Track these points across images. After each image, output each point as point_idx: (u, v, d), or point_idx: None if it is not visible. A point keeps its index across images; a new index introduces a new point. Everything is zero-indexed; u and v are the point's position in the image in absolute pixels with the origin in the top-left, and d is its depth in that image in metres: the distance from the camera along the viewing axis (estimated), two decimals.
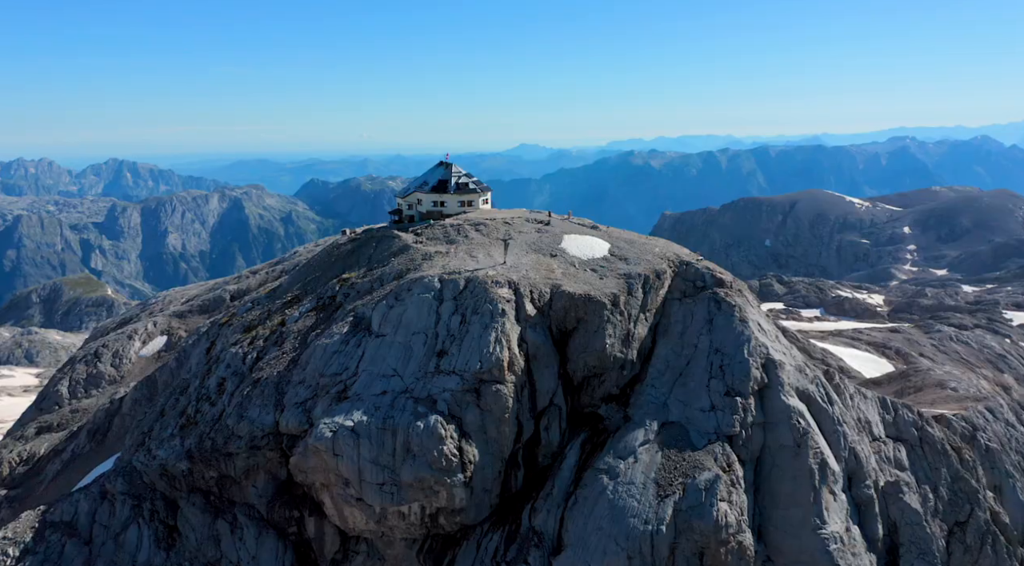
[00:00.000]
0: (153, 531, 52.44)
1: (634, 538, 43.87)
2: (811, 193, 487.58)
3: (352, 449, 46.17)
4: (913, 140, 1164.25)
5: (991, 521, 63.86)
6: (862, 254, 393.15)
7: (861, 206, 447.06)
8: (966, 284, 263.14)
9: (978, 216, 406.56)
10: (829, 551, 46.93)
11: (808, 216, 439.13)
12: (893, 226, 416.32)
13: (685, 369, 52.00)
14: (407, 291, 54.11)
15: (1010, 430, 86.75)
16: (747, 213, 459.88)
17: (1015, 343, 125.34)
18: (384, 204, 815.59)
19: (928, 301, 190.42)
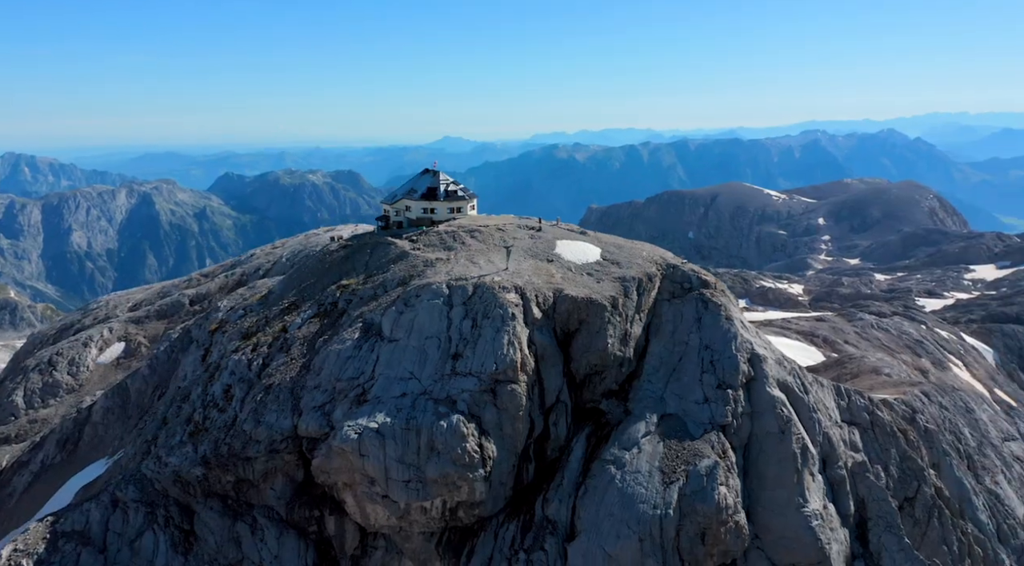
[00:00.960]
0: (169, 537, 53.41)
1: (644, 522, 47.76)
2: (731, 186, 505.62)
3: (378, 449, 48.51)
4: (824, 133, 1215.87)
5: (936, 496, 70.44)
6: (780, 245, 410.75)
7: (778, 198, 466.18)
8: (878, 273, 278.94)
9: (887, 207, 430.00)
10: (812, 527, 51.91)
11: (729, 209, 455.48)
12: (808, 217, 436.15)
13: (678, 365, 56.20)
14: (416, 297, 56.51)
15: (943, 412, 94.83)
16: (671, 206, 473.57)
17: (930, 329, 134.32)
18: (305, 199, 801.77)
19: (846, 290, 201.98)
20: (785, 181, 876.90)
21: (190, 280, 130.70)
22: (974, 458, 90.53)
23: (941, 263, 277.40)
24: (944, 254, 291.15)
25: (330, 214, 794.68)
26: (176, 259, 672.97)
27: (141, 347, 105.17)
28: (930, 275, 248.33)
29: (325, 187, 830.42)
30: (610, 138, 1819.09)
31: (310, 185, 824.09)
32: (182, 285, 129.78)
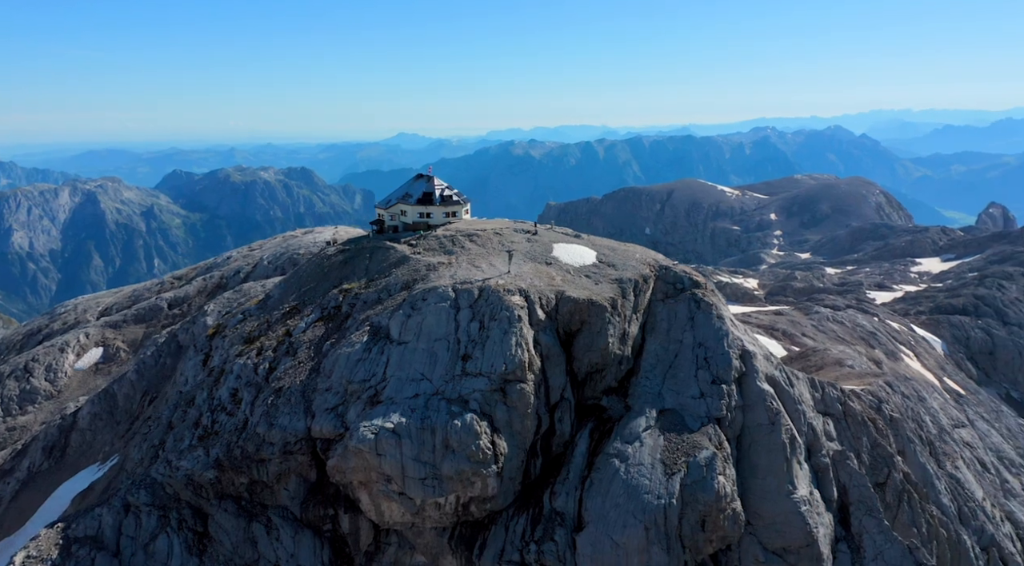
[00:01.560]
0: (183, 539, 54.44)
1: (649, 511, 50.51)
2: (686, 183, 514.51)
3: (395, 448, 50.36)
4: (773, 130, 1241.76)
5: (904, 480, 74.69)
6: (734, 240, 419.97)
7: (732, 194, 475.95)
8: (829, 266, 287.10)
9: (836, 202, 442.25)
10: (800, 512, 55.29)
11: (684, 205, 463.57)
12: (761, 213, 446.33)
13: (674, 362, 59.13)
14: (422, 301, 58.35)
15: (906, 401, 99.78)
16: (627, 202, 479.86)
17: (882, 321, 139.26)
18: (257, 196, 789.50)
19: (800, 284, 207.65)
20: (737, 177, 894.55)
21: (162, 283, 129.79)
22: (935, 445, 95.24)
23: (888, 257, 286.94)
24: (891, 248, 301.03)
25: (283, 212, 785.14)
26: (123, 259, 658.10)
27: (120, 352, 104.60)
28: (878, 268, 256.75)
29: (278, 184, 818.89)
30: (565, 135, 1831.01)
31: (262, 182, 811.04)
32: (154, 288, 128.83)
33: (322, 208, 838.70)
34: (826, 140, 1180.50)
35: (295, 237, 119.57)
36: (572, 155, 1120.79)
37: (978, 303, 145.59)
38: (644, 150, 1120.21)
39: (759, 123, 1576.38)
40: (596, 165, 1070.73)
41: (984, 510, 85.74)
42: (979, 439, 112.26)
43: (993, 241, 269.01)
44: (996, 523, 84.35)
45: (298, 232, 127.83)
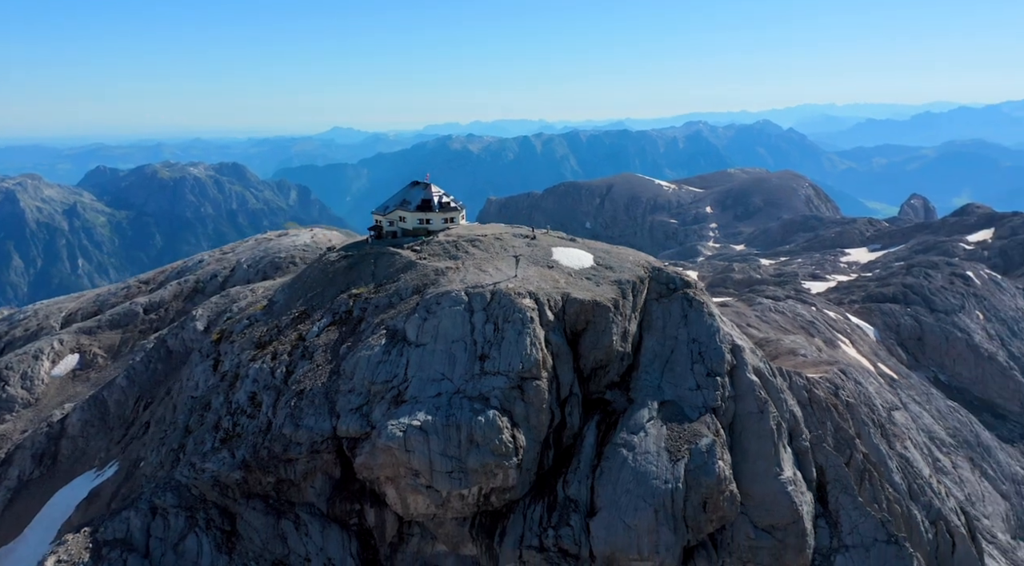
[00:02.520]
0: (212, 538, 56.67)
1: (657, 495, 55.18)
2: (624, 177, 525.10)
3: (423, 444, 53.75)
4: (705, 124, 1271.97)
5: (865, 461, 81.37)
6: (672, 233, 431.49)
7: (668, 189, 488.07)
8: (763, 258, 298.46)
9: (768, 195, 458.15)
10: (787, 492, 60.76)
11: (623, 199, 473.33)
12: (697, 206, 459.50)
13: (670, 357, 63.92)
14: (436, 304, 61.67)
15: (858, 387, 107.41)
16: (568, 197, 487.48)
17: (820, 310, 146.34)
18: (186, 193, 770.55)
19: (739, 276, 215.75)
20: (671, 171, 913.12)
21: (128, 287, 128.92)
22: (885, 427, 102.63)
23: (819, 247, 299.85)
24: (821, 239, 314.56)
25: (215, 209, 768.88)
26: (45, 260, 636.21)
27: (97, 358, 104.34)
28: (810, 259, 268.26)
29: (208, 180, 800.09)
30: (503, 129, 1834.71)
31: (192, 178, 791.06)
32: (120, 293, 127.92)
33: (256, 204, 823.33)
34: (755, 134, 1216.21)
35: (269, 240, 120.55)
36: (510, 149, 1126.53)
37: (907, 291, 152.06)
38: (581, 144, 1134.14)
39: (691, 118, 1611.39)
40: (534, 159, 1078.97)
41: (931, 486, 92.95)
42: (912, 421, 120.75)
43: (916, 231, 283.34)
44: (942, 498, 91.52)
45: (271, 235, 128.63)
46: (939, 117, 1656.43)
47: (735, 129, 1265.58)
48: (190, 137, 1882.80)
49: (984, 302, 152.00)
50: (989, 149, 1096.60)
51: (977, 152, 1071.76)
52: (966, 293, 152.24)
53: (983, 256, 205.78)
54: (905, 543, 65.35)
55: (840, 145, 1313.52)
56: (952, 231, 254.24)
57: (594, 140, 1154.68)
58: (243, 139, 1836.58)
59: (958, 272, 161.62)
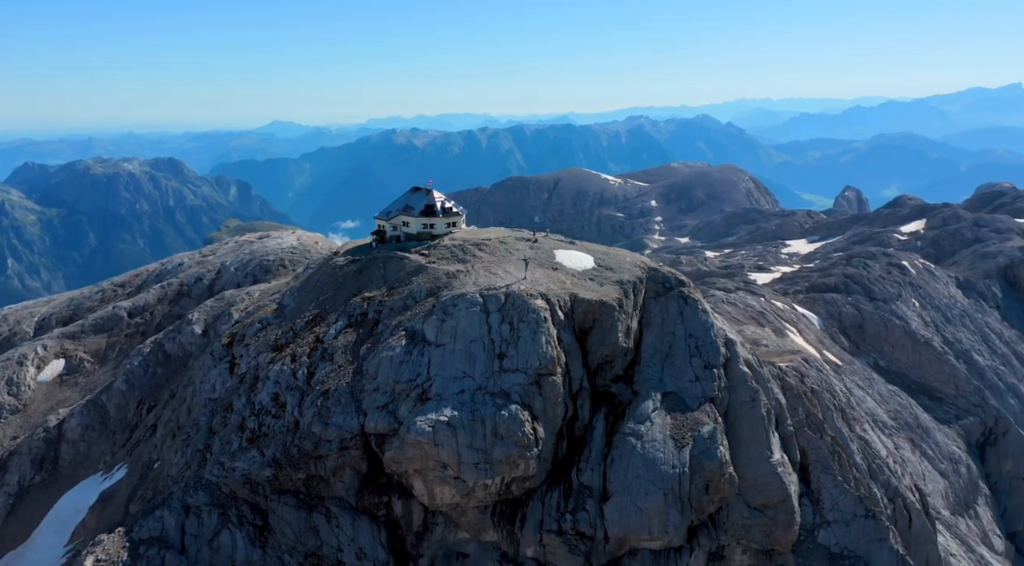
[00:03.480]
0: (245, 533, 59.36)
1: (666, 479, 60.09)
2: (571, 172, 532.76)
3: (451, 438, 57.50)
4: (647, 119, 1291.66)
5: (833, 443, 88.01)
6: (619, 226, 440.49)
7: (615, 183, 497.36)
8: (708, 250, 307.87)
9: (710, 189, 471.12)
10: (777, 474, 66.36)
11: (570, 193, 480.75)
12: (642, 200, 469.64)
13: (669, 351, 68.87)
14: (453, 306, 65.28)
15: (821, 374, 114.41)
16: (516, 191, 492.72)
17: (768, 301, 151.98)
18: (121, 189, 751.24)
19: (687, 268, 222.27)
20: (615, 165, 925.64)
21: (102, 291, 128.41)
22: (846, 411, 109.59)
23: (761, 239, 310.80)
24: (763, 231, 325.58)
25: (151, 206, 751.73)
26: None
27: (84, 363, 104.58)
28: (753, 251, 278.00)
29: (144, 176, 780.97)
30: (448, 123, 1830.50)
31: (126, 175, 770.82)
32: (96, 297, 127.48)
33: (194, 201, 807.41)
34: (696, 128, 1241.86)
35: (251, 243, 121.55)
36: (455, 144, 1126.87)
37: (847, 281, 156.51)
38: (526, 139, 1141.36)
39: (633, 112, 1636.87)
40: (479, 154, 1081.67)
41: (888, 466, 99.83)
42: (856, 405, 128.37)
43: (852, 223, 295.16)
44: (898, 477, 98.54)
45: (251, 237, 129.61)
46: (869, 111, 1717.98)
47: (676, 124, 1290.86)
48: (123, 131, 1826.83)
49: (919, 290, 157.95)
50: (917, 142, 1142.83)
51: (905, 145, 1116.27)
52: (903, 282, 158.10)
53: (916, 246, 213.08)
54: (881, 517, 71.84)
55: (776, 139, 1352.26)
56: (886, 222, 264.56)
57: (539, 134, 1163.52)
58: (179, 133, 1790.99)
59: (895, 262, 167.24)
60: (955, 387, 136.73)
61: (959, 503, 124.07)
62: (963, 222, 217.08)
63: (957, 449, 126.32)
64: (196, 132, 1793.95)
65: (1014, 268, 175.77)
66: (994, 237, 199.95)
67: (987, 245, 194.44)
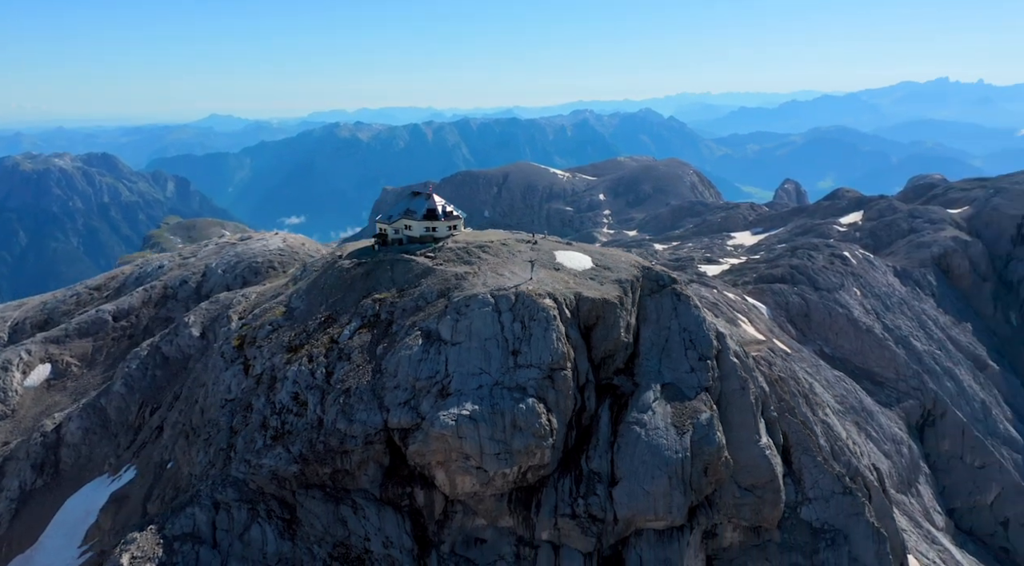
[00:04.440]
0: (274, 526, 62.08)
1: (669, 464, 64.98)
2: (520, 166, 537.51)
3: (473, 431, 61.31)
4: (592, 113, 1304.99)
5: (803, 426, 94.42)
6: (568, 220, 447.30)
7: (563, 177, 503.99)
8: (656, 242, 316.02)
9: (656, 182, 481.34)
10: (765, 456, 71.91)
11: (520, 187, 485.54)
12: (590, 194, 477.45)
13: (666, 345, 73.71)
14: (466, 306, 68.88)
15: (785, 363, 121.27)
16: (465, 186, 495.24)
17: (721, 292, 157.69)
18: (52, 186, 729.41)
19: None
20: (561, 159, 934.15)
21: (77, 295, 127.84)
22: (809, 397, 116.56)
23: (707, 232, 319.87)
24: (709, 224, 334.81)
25: (84, 203, 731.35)
26: None
27: (71, 367, 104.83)
28: (700, 243, 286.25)
29: (76, 172, 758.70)
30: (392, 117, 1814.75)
31: (57, 170, 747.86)
32: (70, 300, 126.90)
33: (130, 197, 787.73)
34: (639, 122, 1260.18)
35: (233, 245, 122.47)
36: (401, 137, 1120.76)
37: (793, 272, 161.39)
38: (472, 132, 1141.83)
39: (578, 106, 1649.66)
40: (425, 147, 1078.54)
41: (848, 447, 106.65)
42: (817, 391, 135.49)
43: (794, 215, 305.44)
44: (858, 457, 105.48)
45: (232, 239, 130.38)
46: (805, 105, 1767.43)
47: (620, 117, 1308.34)
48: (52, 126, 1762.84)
49: (860, 280, 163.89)
50: (850, 135, 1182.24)
51: (839, 138, 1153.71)
52: (844, 272, 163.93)
53: (856, 237, 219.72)
54: (857, 494, 78.22)
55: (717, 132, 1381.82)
56: (826, 214, 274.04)
57: (485, 128, 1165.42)
58: (112, 127, 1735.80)
59: (836, 253, 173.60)
60: (895, 372, 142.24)
61: (902, 482, 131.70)
62: (899, 213, 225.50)
63: (899, 431, 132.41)
64: (131, 126, 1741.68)
65: (947, 257, 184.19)
66: (928, 228, 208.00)
67: (922, 235, 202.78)
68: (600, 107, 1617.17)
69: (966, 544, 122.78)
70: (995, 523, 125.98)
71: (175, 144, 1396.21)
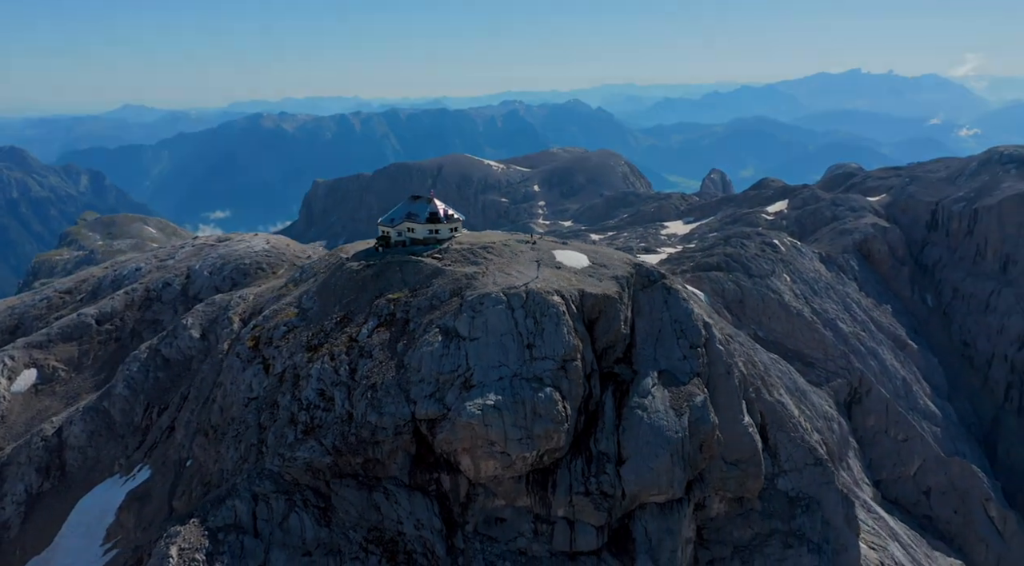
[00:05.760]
0: (311, 514, 66.17)
1: (671, 443, 71.88)
2: (454, 158, 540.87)
3: (497, 419, 66.80)
4: (521, 103, 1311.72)
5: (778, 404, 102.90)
6: (503, 212, 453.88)
7: (498, 168, 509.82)
8: (592, 233, 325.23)
9: (589, 174, 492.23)
10: (749, 433, 79.68)
11: (454, 179, 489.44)
12: (525, 185, 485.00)
13: (659, 335, 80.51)
14: (480, 304, 74.05)
15: (743, 348, 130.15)
16: (399, 178, 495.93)
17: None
18: None
19: None
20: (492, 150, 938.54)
21: (48, 299, 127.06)
22: (765, 378, 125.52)
23: (641, 221, 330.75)
24: (642, 214, 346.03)
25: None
26: None
27: (59, 372, 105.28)
28: (635, 233, 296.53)
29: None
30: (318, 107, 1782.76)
31: None
32: (40, 304, 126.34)
33: (40, 192, 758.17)
34: (568, 113, 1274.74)
35: (213, 246, 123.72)
36: (328, 128, 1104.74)
37: (728, 260, 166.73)
38: (401, 123, 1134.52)
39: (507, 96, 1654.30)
40: (354, 139, 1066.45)
41: (800, 424, 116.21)
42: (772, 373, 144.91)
43: (723, 204, 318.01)
44: (809, 433, 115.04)
45: (209, 239, 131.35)
46: (726, 96, 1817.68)
47: (548, 108, 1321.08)
48: None
49: (789, 266, 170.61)
50: (768, 125, 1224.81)
51: (759, 128, 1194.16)
52: (775, 259, 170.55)
53: (782, 225, 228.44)
54: (827, 464, 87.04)
55: (642, 123, 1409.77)
56: (753, 204, 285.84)
57: (414, 118, 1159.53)
58: (16, 119, 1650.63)
59: (767, 241, 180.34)
60: (824, 352, 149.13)
61: (834, 456, 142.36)
62: (822, 202, 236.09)
63: (829, 408, 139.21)
64: (37, 117, 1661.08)
65: (868, 243, 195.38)
66: (850, 215, 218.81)
67: (844, 223, 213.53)
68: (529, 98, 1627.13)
69: (892, 512, 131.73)
70: (918, 492, 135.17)
71: (87, 136, 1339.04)
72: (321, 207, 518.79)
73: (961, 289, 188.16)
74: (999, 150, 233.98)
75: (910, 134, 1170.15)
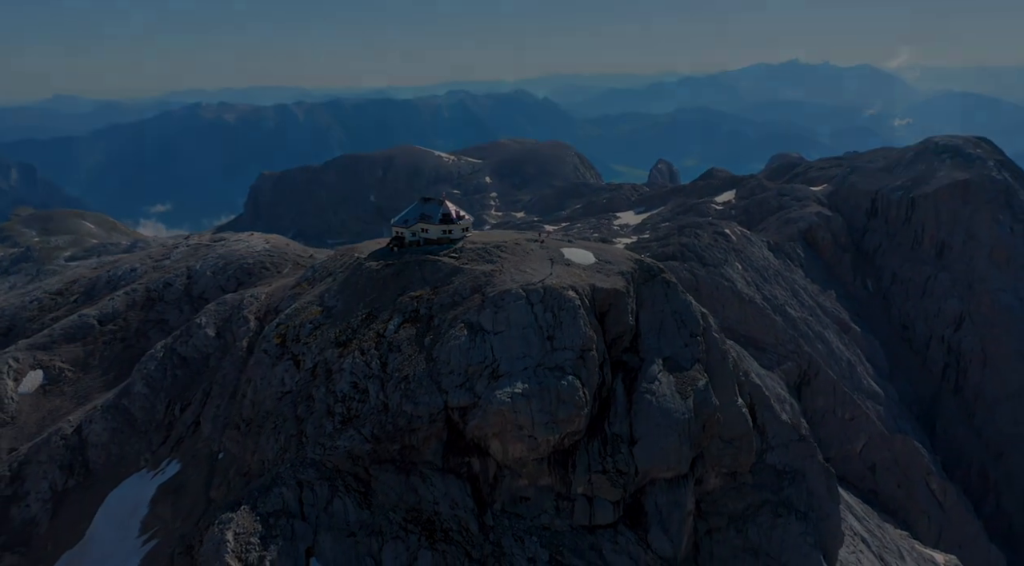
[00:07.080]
0: (353, 498, 71.04)
1: (679, 424, 78.80)
2: (404, 149, 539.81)
3: (526, 405, 72.67)
4: (467, 94, 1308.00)
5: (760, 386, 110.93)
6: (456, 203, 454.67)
7: (448, 160, 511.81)
8: (546, 224, 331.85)
9: (540, 165, 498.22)
10: (743, 413, 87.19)
11: (405, 171, 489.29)
12: (477, 177, 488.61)
13: (661, 326, 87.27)
14: (502, 300, 79.64)
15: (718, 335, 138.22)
16: (349, 170, 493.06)
17: None
18: None
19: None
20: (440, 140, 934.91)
21: (39, 301, 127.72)
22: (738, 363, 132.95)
23: (594, 212, 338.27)
24: (594, 204, 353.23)
25: None
26: None
27: (65, 372, 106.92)
28: (588, 223, 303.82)
29: None
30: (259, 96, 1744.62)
31: None
32: (31, 306, 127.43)
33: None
34: (514, 103, 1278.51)
35: (207, 246, 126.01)
36: (270, 118, 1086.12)
37: (683, 250, 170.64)
38: (346, 113, 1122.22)
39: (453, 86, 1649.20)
40: (297, 129, 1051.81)
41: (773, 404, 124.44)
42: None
43: (672, 195, 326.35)
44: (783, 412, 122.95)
45: (203, 239, 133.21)
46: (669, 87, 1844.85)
47: (495, 98, 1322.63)
48: None
49: (741, 255, 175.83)
50: (711, 115, 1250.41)
51: (702, 118, 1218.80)
52: (727, 248, 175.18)
53: (731, 215, 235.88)
54: (810, 440, 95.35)
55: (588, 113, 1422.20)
56: (702, 193, 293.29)
57: (359, 109, 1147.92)
58: None
59: (719, 231, 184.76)
60: (775, 337, 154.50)
61: None
62: (768, 192, 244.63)
63: (782, 391, 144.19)
64: None
65: (812, 231, 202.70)
66: (795, 204, 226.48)
67: (789, 212, 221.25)
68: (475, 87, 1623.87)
69: (842, 487, 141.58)
70: (864, 468, 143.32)
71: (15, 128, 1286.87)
72: (268, 200, 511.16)
73: (900, 274, 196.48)
74: (934, 141, 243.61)
75: (846, 124, 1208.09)
